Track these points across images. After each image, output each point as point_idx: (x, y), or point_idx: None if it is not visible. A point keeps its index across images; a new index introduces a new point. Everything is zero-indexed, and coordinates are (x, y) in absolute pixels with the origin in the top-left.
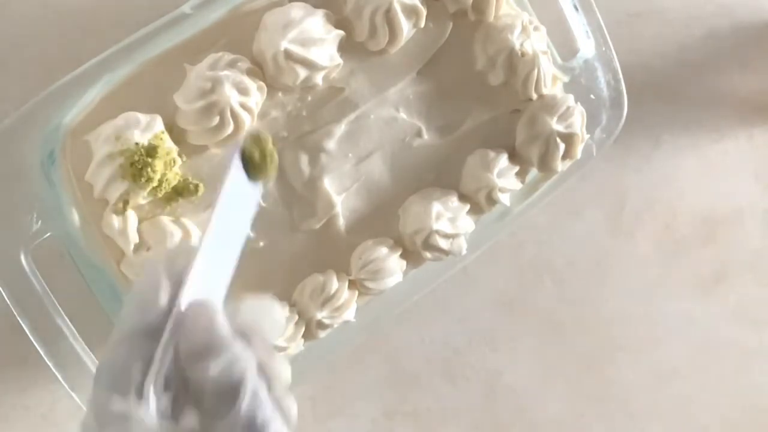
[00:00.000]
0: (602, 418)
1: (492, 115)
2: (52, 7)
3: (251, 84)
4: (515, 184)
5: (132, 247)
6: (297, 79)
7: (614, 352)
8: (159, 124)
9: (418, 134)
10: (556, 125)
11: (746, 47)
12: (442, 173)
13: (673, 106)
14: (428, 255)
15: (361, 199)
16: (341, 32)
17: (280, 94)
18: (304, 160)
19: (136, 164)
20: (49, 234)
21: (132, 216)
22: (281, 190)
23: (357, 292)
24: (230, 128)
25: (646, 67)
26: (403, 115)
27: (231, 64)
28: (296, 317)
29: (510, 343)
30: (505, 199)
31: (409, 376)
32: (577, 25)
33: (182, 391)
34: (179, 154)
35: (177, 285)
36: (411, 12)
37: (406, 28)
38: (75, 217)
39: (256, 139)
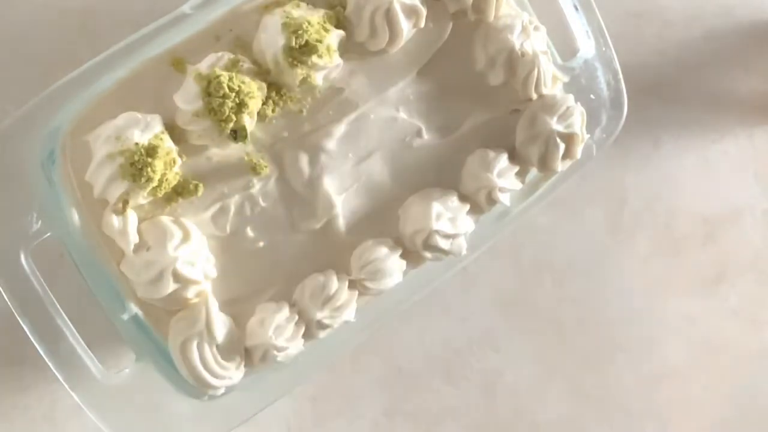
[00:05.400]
0: (602, 418)
1: (492, 115)
2: (52, 7)
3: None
4: (515, 184)
5: (132, 247)
6: (297, 79)
7: (614, 352)
8: (159, 124)
9: (418, 134)
10: (556, 125)
11: (746, 47)
12: (442, 173)
13: (673, 106)
14: (428, 255)
15: (361, 199)
16: (341, 32)
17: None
18: (304, 160)
19: (136, 164)
20: (49, 234)
21: (132, 216)
22: (281, 190)
23: (357, 292)
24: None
25: (646, 67)
26: (403, 115)
27: (231, 64)
28: (296, 317)
29: (510, 343)
30: (505, 199)
31: (409, 376)
32: (577, 25)
33: None
34: (179, 154)
35: None
36: (411, 12)
37: (406, 28)
38: (75, 217)
39: None
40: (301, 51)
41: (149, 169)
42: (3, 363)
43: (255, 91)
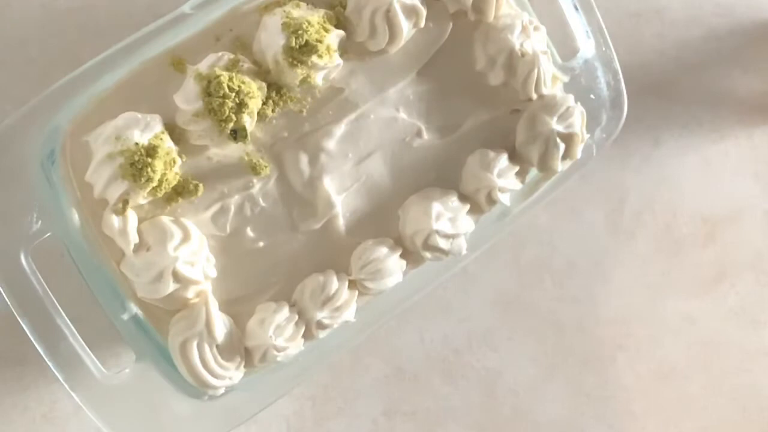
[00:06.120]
0: (602, 418)
1: (492, 115)
2: (52, 7)
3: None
4: (515, 184)
5: (132, 247)
6: (297, 79)
7: (614, 351)
8: (159, 124)
9: (418, 134)
10: (556, 125)
11: (746, 47)
12: (442, 173)
13: (673, 106)
14: (428, 255)
15: (361, 199)
16: (341, 32)
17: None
18: (304, 160)
19: (136, 164)
20: (49, 234)
21: (132, 216)
22: (281, 190)
23: (357, 292)
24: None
25: (646, 67)
26: (403, 115)
27: (231, 64)
28: (296, 317)
29: (510, 343)
30: (505, 199)
31: (409, 376)
32: (577, 25)
33: None
34: (179, 154)
35: None
36: (411, 12)
37: (406, 28)
38: (75, 217)
39: None
40: (301, 51)
41: (149, 169)
42: (3, 363)
43: (255, 91)
